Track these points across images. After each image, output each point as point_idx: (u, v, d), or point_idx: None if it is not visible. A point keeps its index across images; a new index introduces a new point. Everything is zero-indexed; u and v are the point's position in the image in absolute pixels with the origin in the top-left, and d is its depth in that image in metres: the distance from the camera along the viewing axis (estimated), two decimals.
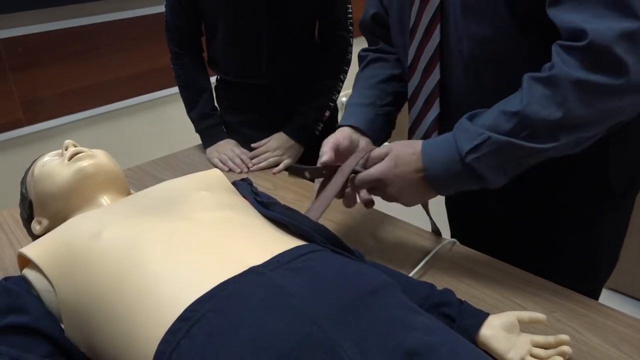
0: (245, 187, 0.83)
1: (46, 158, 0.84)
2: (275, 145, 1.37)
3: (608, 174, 0.87)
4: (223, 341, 0.49)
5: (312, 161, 0.93)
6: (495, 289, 0.81)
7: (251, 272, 0.56)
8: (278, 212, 0.72)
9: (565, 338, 0.65)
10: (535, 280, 0.82)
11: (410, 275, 0.82)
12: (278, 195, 1.13)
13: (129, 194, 0.85)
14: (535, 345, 0.66)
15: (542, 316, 0.67)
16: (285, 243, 0.64)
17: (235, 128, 1.45)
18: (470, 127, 0.74)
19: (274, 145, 1.37)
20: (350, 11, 1.38)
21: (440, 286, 0.73)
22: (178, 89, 1.44)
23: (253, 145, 1.38)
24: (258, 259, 0.59)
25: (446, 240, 0.93)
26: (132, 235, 0.62)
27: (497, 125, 0.71)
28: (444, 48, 0.83)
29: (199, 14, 1.35)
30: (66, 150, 0.82)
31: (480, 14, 0.76)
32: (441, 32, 0.81)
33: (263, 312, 0.51)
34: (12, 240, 1.03)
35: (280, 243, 0.63)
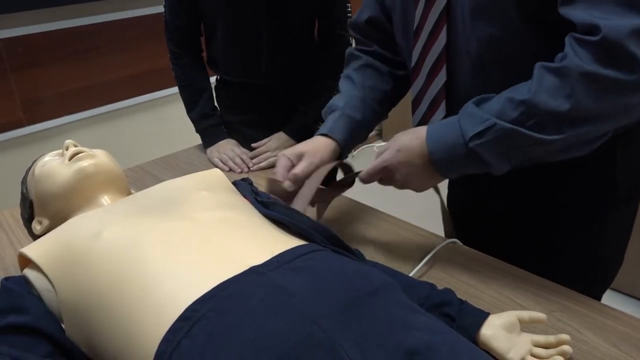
0: (245, 187, 0.83)
1: (47, 158, 0.84)
2: (276, 145, 1.37)
3: (615, 176, 0.87)
4: (223, 341, 0.49)
5: None
6: (495, 289, 0.81)
7: (252, 272, 0.56)
8: (278, 212, 0.72)
9: (565, 337, 0.65)
10: (535, 280, 0.82)
11: (410, 275, 0.82)
12: None
13: (129, 194, 0.85)
14: (536, 344, 0.66)
15: (543, 316, 0.67)
16: (285, 243, 0.64)
17: (236, 128, 1.45)
18: (476, 112, 0.73)
19: (274, 145, 1.37)
20: (349, 10, 1.38)
21: (440, 286, 0.73)
22: (178, 89, 1.44)
23: (253, 145, 1.38)
24: (258, 258, 0.59)
25: (448, 241, 0.93)
26: (133, 235, 0.62)
27: (504, 112, 0.71)
28: (450, 49, 0.82)
29: (199, 13, 1.35)
30: (66, 150, 0.82)
31: (489, 13, 0.75)
32: (447, 34, 0.81)
33: (264, 312, 0.51)
34: (13, 240, 1.03)
35: (281, 243, 0.63)
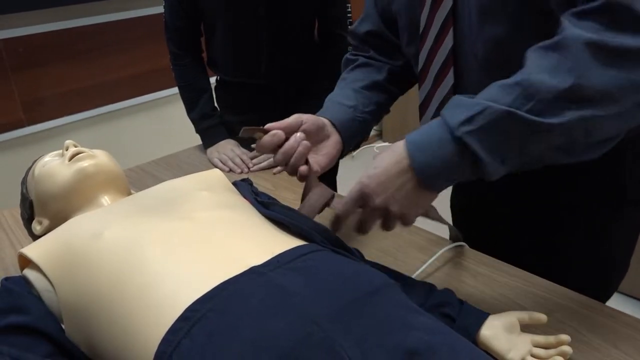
0: (245, 187, 0.83)
1: (47, 158, 0.84)
2: None
3: (624, 181, 0.85)
4: (224, 341, 0.49)
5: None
6: (495, 289, 0.81)
7: (252, 272, 0.56)
8: (278, 212, 0.72)
9: (565, 338, 0.65)
10: (535, 280, 0.82)
11: (413, 276, 0.82)
12: (278, 195, 1.12)
13: (129, 194, 0.85)
14: (536, 345, 0.66)
15: (543, 316, 0.67)
16: (285, 243, 0.64)
17: (235, 128, 1.45)
18: (465, 101, 0.64)
19: None
20: (349, 11, 1.38)
21: (440, 286, 0.73)
22: (178, 89, 1.44)
23: (253, 145, 1.38)
24: (258, 258, 0.59)
25: (454, 244, 0.91)
26: (133, 235, 0.62)
27: (497, 96, 0.62)
28: (457, 52, 0.80)
29: (199, 14, 1.35)
30: (67, 150, 0.82)
31: (495, 14, 0.73)
32: (454, 36, 0.78)
33: (264, 312, 0.51)
34: (13, 240, 1.03)
35: (281, 243, 0.63)
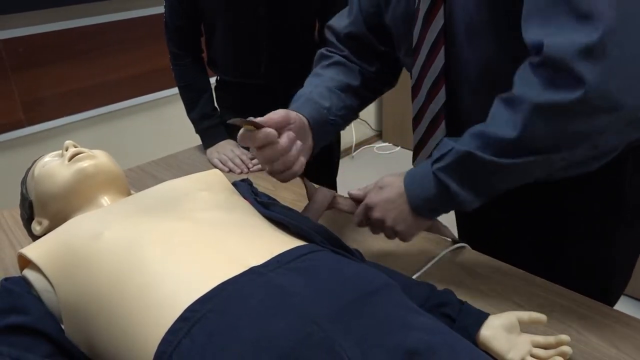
0: (245, 188, 0.83)
1: (46, 158, 0.84)
2: None
3: (624, 190, 0.86)
4: (223, 341, 0.49)
5: (312, 163, 0.93)
6: (495, 289, 0.81)
7: (251, 272, 0.56)
8: (278, 212, 0.73)
9: (565, 338, 0.65)
10: (535, 281, 0.82)
11: (413, 277, 0.82)
12: (278, 195, 1.12)
13: (129, 194, 0.85)
14: (536, 345, 0.66)
15: (543, 316, 0.67)
16: (285, 243, 0.64)
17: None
18: (444, 141, 0.75)
19: None
20: None
21: (440, 286, 0.73)
22: (178, 89, 1.44)
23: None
24: (258, 259, 0.59)
25: (456, 245, 0.91)
26: (133, 235, 0.62)
27: (462, 141, 0.72)
28: (449, 70, 0.81)
29: (199, 14, 1.35)
30: (66, 150, 0.82)
31: (483, 34, 0.74)
32: (446, 54, 0.79)
33: (263, 312, 0.51)
34: (12, 241, 1.03)
35: (281, 243, 0.63)
